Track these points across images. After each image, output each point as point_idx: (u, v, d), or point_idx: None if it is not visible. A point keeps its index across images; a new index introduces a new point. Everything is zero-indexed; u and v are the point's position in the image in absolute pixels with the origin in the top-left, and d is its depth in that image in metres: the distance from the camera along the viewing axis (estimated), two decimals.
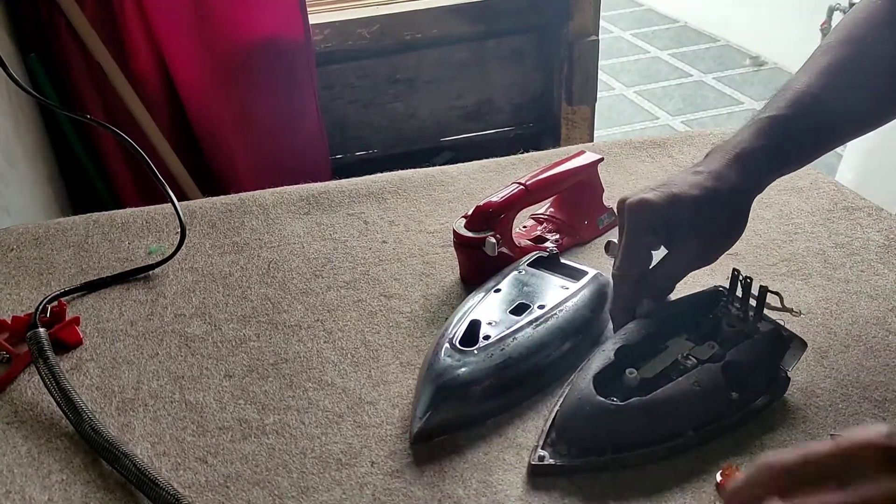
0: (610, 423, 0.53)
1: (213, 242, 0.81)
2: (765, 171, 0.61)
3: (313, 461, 0.55)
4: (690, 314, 0.61)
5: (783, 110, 0.61)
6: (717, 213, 0.59)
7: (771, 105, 0.62)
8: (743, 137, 0.61)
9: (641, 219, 0.59)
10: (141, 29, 1.50)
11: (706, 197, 0.58)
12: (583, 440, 0.54)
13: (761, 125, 0.61)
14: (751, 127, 0.61)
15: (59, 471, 0.55)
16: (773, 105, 0.62)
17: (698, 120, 3.18)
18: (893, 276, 0.72)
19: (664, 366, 0.57)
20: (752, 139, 0.60)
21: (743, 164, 0.59)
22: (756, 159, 0.60)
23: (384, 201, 0.87)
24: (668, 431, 0.53)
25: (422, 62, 1.83)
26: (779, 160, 0.61)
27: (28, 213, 1.29)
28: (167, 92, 1.58)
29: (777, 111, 0.61)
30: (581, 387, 0.55)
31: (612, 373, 0.56)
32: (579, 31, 1.84)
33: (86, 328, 0.69)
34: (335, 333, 0.68)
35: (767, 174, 0.61)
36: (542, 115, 1.98)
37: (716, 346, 0.58)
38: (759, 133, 0.60)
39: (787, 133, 0.60)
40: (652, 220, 0.59)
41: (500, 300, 0.64)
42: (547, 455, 0.53)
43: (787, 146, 0.60)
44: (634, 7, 4.46)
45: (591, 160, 0.78)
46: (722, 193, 0.58)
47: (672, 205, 0.58)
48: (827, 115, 0.61)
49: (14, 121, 1.34)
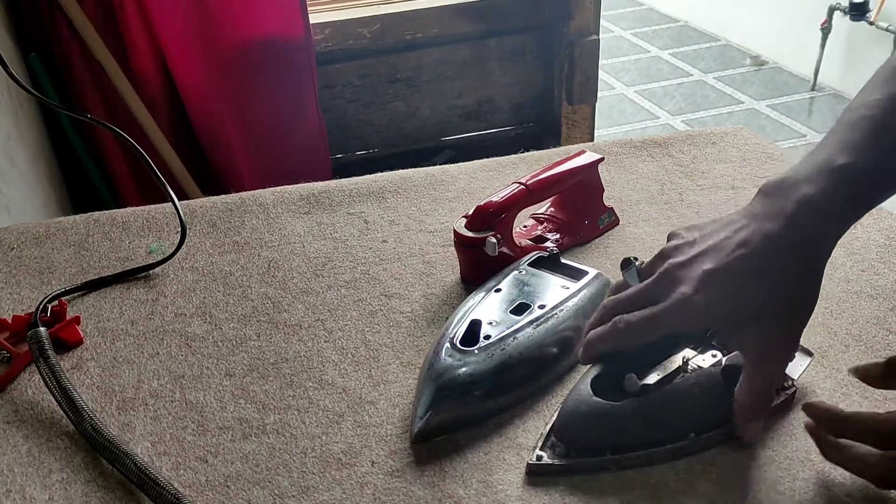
0: (607, 423, 0.53)
1: (213, 242, 0.81)
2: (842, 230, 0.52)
3: (314, 461, 0.55)
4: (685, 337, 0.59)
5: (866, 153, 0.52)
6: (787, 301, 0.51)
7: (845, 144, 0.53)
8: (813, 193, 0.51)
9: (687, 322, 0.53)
10: (141, 28, 1.50)
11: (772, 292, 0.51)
12: (580, 440, 0.53)
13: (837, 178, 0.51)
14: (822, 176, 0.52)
15: (59, 470, 0.55)
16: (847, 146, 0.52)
17: (699, 119, 3.18)
18: (894, 275, 0.72)
19: (666, 373, 0.55)
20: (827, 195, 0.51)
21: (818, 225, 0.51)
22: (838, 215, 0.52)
23: (385, 201, 0.87)
24: (668, 434, 0.53)
25: (422, 61, 1.83)
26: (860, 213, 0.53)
27: (28, 211, 1.29)
28: (168, 91, 1.59)
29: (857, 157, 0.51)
30: (579, 389, 0.55)
31: (612, 378, 0.55)
32: (580, 31, 1.84)
33: (86, 327, 0.69)
34: (335, 333, 0.68)
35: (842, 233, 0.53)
36: (543, 114, 1.98)
37: (719, 354, 0.56)
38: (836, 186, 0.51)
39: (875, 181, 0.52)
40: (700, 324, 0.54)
41: (501, 300, 0.64)
42: (545, 456, 0.53)
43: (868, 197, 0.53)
44: (635, 6, 4.46)
45: (591, 160, 0.78)
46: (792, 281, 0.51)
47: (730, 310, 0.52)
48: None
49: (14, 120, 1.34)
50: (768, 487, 0.51)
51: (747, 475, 0.52)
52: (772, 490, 0.51)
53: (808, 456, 0.53)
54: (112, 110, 1.54)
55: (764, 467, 0.53)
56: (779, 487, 0.51)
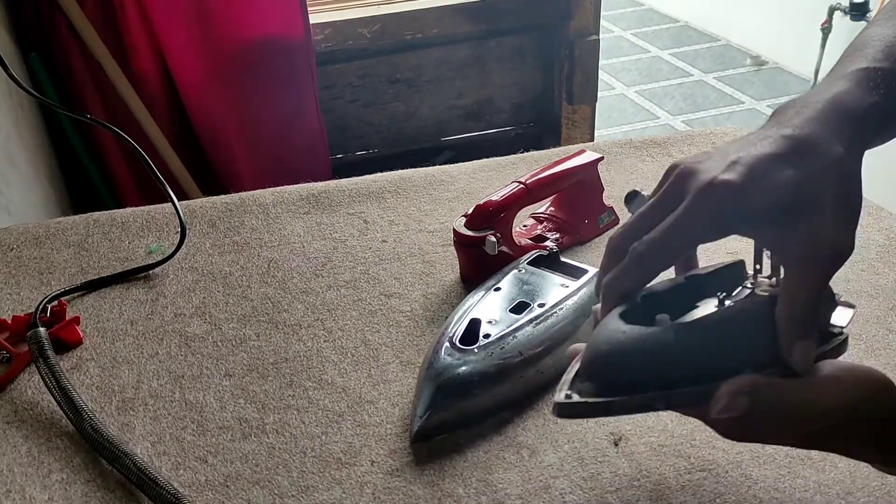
0: (651, 353, 0.42)
1: (213, 242, 0.81)
2: (872, 133, 0.46)
3: (313, 460, 0.55)
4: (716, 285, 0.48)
5: (881, 62, 0.47)
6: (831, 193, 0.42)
7: (855, 59, 0.48)
8: (837, 91, 0.46)
9: (721, 209, 0.42)
10: (141, 28, 1.50)
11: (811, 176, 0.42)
12: (618, 374, 0.43)
13: (858, 78, 0.46)
14: (841, 80, 0.47)
15: (59, 470, 0.55)
16: (860, 58, 0.48)
17: (699, 119, 3.18)
18: (893, 275, 0.72)
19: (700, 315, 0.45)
20: (851, 93, 0.46)
21: (847, 124, 0.44)
22: (862, 118, 0.45)
23: (384, 201, 0.87)
24: (721, 367, 0.42)
25: (422, 62, 1.83)
26: (887, 121, 0.47)
27: (28, 212, 1.29)
28: (167, 91, 1.59)
29: (872, 63, 0.47)
30: (607, 322, 0.44)
31: (640, 318, 0.44)
32: (580, 31, 1.84)
33: (86, 328, 0.69)
34: (335, 332, 0.68)
35: (873, 138, 0.46)
36: (543, 114, 1.98)
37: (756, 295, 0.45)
38: (858, 86, 0.46)
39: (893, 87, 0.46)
40: (736, 212, 0.43)
41: (501, 299, 0.64)
42: (575, 395, 0.43)
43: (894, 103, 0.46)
44: (635, 6, 4.46)
45: (591, 159, 0.78)
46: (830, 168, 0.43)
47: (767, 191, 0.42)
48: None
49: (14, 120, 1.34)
50: (768, 486, 0.51)
51: (748, 474, 0.52)
52: (772, 489, 0.51)
53: (808, 455, 0.53)
54: (112, 110, 1.54)
55: (764, 466, 0.53)
56: (779, 486, 0.51)
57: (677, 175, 0.45)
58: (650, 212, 0.45)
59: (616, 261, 0.46)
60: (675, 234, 0.43)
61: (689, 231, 0.43)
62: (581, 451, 0.55)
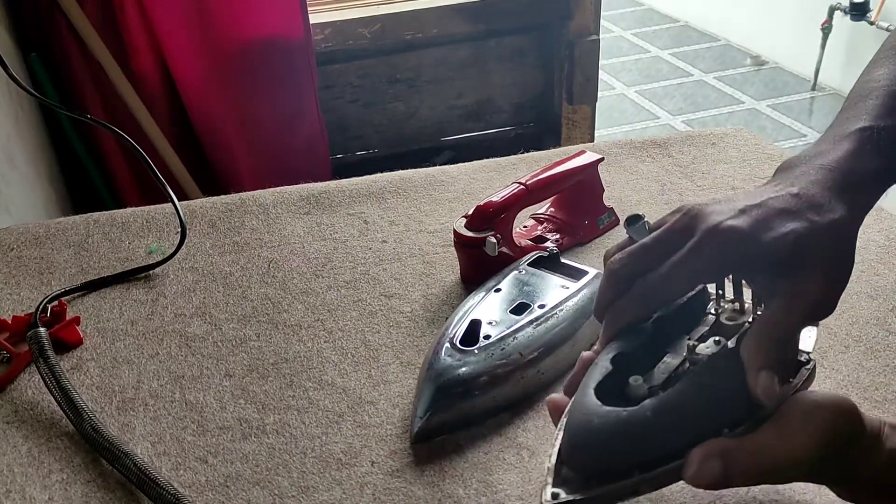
0: (628, 435, 0.42)
1: (213, 242, 0.81)
2: (872, 196, 0.48)
3: (313, 461, 0.55)
4: (682, 318, 0.51)
5: (883, 119, 0.49)
6: (827, 254, 0.45)
7: (859, 114, 0.50)
8: (840, 155, 0.48)
9: (727, 252, 0.44)
10: (141, 28, 1.50)
11: (812, 234, 0.44)
12: (600, 463, 0.42)
13: (860, 139, 0.48)
14: (844, 141, 0.49)
15: (59, 470, 0.55)
16: (863, 114, 0.50)
17: (699, 119, 3.18)
18: (893, 276, 0.72)
19: (671, 369, 0.47)
20: (853, 157, 0.48)
21: (848, 188, 0.46)
22: (863, 183, 0.47)
23: (384, 201, 0.87)
24: (700, 434, 0.42)
25: (422, 62, 1.83)
26: (888, 181, 0.49)
27: (28, 212, 1.29)
28: (168, 91, 1.59)
29: (875, 121, 0.49)
30: (583, 402, 0.45)
31: (614, 385, 0.46)
32: (580, 31, 1.84)
33: (86, 328, 0.69)
34: (335, 333, 0.68)
35: (874, 199, 0.48)
36: (543, 114, 1.98)
37: (722, 340, 0.47)
38: (860, 149, 0.48)
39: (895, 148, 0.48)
40: (739, 256, 0.44)
41: (501, 300, 0.64)
42: (562, 493, 0.42)
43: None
44: (635, 6, 4.46)
45: (591, 160, 0.78)
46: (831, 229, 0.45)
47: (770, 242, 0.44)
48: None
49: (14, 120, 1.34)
50: (768, 487, 0.51)
51: None
52: (771, 491, 0.51)
53: None
54: (112, 110, 1.54)
55: None
56: (779, 487, 0.51)
57: (687, 215, 0.46)
58: (654, 245, 0.47)
59: (615, 285, 0.47)
60: (680, 272, 0.45)
61: (694, 270, 0.45)
62: None
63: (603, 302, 0.48)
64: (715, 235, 0.44)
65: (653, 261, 0.46)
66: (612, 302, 0.48)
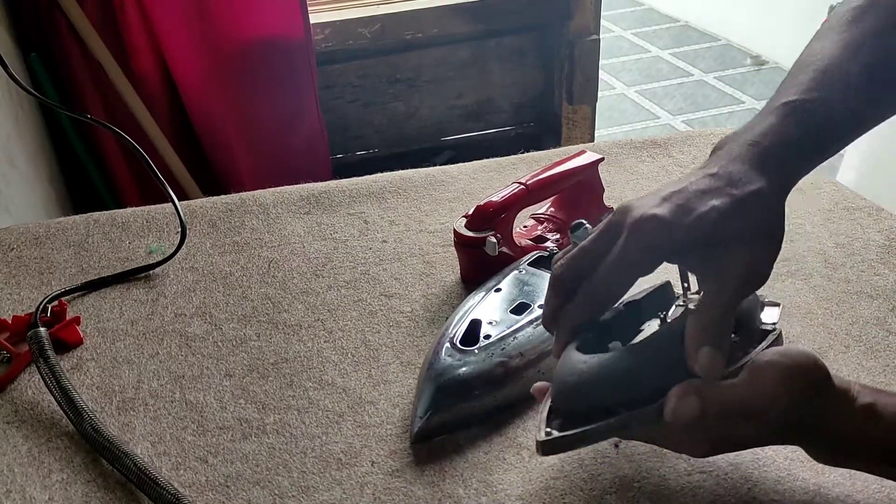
0: (605, 376, 0.46)
1: (213, 242, 0.81)
2: (796, 167, 0.50)
3: (313, 461, 0.55)
4: (653, 306, 0.54)
5: (809, 93, 0.50)
6: (749, 225, 0.46)
7: (789, 88, 0.51)
8: (763, 128, 0.49)
9: (653, 241, 0.46)
10: (141, 28, 1.50)
11: (731, 209, 0.46)
12: (585, 402, 0.46)
13: (784, 112, 0.50)
14: (770, 115, 0.50)
15: (59, 470, 0.55)
16: (792, 88, 0.51)
17: (699, 119, 3.18)
18: (894, 276, 0.72)
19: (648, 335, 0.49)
20: (776, 130, 0.49)
21: (769, 161, 0.48)
22: (784, 154, 0.49)
23: (385, 201, 0.87)
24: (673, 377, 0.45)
25: (422, 62, 1.83)
26: (810, 153, 0.50)
27: (28, 212, 1.29)
28: (168, 91, 1.59)
29: (801, 94, 0.50)
30: (567, 356, 0.48)
31: (594, 349, 0.48)
32: (580, 31, 1.84)
33: (86, 328, 0.69)
34: (335, 333, 0.68)
35: (798, 171, 0.50)
36: (543, 114, 1.98)
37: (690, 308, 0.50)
38: (783, 122, 0.49)
39: (818, 120, 0.50)
40: (665, 243, 0.46)
41: (501, 299, 0.64)
42: (554, 432, 0.46)
43: (819, 136, 0.50)
44: (635, 6, 4.46)
45: (591, 160, 0.78)
46: (750, 201, 0.46)
47: (691, 223, 0.46)
48: (861, 94, 0.51)
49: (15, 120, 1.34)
50: (768, 489, 0.51)
51: (747, 475, 0.52)
52: (771, 492, 0.51)
53: (807, 458, 0.53)
54: (112, 110, 1.54)
55: (764, 467, 0.53)
56: (779, 488, 0.51)
57: (617, 212, 0.48)
58: (592, 246, 0.49)
59: (560, 290, 0.50)
60: (617, 269, 0.47)
61: (628, 264, 0.47)
62: (581, 452, 0.55)
63: (551, 309, 0.51)
64: (639, 226, 0.46)
65: (593, 262, 0.48)
66: (560, 307, 0.50)
